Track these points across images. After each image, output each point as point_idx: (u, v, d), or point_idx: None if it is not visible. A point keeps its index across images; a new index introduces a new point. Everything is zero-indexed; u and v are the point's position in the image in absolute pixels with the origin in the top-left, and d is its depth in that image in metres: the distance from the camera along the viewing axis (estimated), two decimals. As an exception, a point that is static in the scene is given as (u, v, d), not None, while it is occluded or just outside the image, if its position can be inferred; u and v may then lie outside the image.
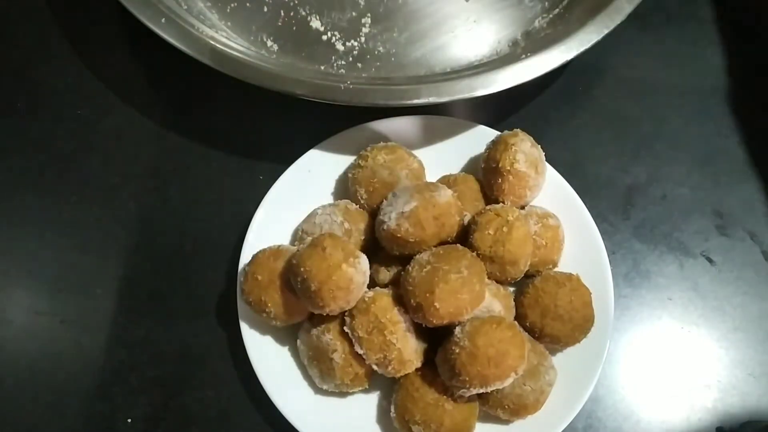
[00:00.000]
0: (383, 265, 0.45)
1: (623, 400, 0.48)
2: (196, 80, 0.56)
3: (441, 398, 0.41)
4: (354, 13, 0.56)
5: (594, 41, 0.47)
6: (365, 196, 0.47)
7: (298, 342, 0.45)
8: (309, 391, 0.45)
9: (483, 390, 0.39)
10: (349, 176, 0.48)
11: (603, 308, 0.45)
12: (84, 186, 0.54)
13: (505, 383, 0.39)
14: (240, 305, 0.45)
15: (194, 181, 0.54)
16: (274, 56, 0.55)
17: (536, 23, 0.56)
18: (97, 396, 0.48)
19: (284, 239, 0.48)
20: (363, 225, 0.46)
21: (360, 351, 0.41)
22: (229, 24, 0.56)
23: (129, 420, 0.48)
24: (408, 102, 0.46)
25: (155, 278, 0.51)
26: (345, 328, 0.42)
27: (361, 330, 0.41)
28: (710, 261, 0.52)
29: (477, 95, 0.46)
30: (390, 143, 0.49)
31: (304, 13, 0.57)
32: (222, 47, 0.48)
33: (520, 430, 0.44)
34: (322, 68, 0.55)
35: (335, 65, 0.55)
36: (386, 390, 0.45)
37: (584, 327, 0.44)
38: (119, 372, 0.49)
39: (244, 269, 0.44)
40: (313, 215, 0.47)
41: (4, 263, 0.52)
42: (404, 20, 0.56)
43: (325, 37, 0.56)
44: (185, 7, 0.53)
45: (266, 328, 0.46)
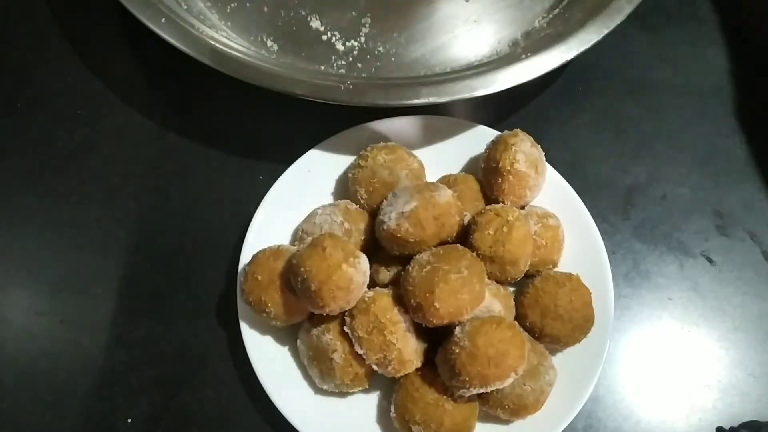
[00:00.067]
0: (383, 265, 0.45)
1: (623, 400, 0.48)
2: (196, 80, 0.56)
3: (441, 398, 0.41)
4: (354, 13, 0.56)
5: (594, 41, 0.47)
6: (365, 196, 0.47)
7: (298, 342, 0.45)
8: (309, 391, 0.45)
9: (483, 390, 0.39)
10: (349, 176, 0.48)
11: (603, 308, 0.45)
12: (84, 186, 0.54)
13: (505, 383, 0.39)
14: (240, 305, 0.45)
15: (194, 181, 0.54)
16: (274, 56, 0.55)
17: (536, 23, 0.56)
18: (97, 396, 0.48)
19: (284, 239, 0.48)
20: (363, 225, 0.46)
21: (360, 351, 0.41)
22: (229, 24, 0.56)
23: (129, 420, 0.48)
24: (408, 102, 0.46)
25: (155, 278, 0.51)
26: (345, 328, 0.42)
27: (361, 330, 0.41)
28: (710, 261, 0.52)
29: (477, 95, 0.46)
30: (390, 143, 0.49)
31: (304, 13, 0.57)
32: (222, 47, 0.49)
33: (520, 430, 0.44)
34: (322, 68, 0.55)
35: (335, 65, 0.55)
36: (386, 390, 0.45)
37: (584, 327, 0.44)
38: (119, 372, 0.49)
39: (244, 269, 0.44)
40: (313, 215, 0.47)
41: (4, 263, 0.52)
42: (404, 20, 0.56)
43: (325, 37, 0.56)
44: (185, 7, 0.53)
45: (266, 328, 0.46)
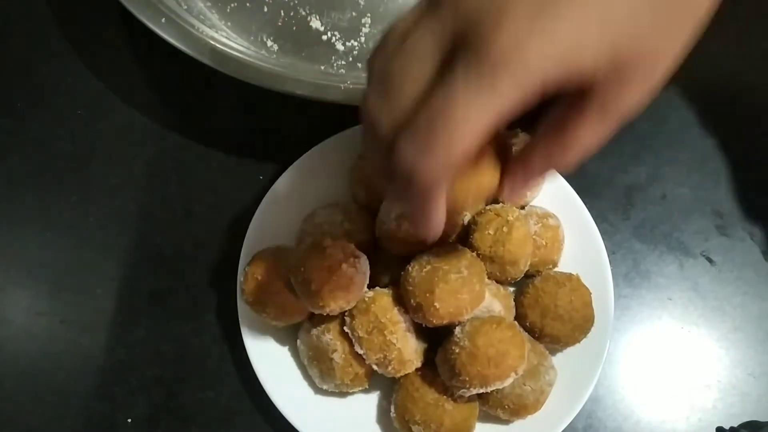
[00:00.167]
0: (383, 265, 0.45)
1: (623, 400, 0.48)
2: (196, 80, 0.56)
3: (441, 398, 0.41)
4: (354, 13, 0.56)
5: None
6: (365, 196, 0.47)
7: (298, 342, 0.45)
8: (309, 391, 0.45)
9: (483, 390, 0.39)
10: (349, 176, 0.48)
11: (603, 308, 0.45)
12: (84, 186, 0.54)
13: (505, 383, 0.39)
14: (240, 305, 0.45)
15: (194, 182, 0.54)
16: (274, 56, 0.55)
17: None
18: (97, 396, 0.48)
19: (284, 239, 0.48)
20: (363, 225, 0.46)
21: (360, 351, 0.41)
22: (229, 24, 0.56)
23: (129, 420, 0.48)
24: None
25: (155, 278, 0.51)
26: (345, 328, 0.42)
27: (361, 330, 0.41)
28: (710, 261, 0.52)
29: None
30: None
31: (304, 13, 0.56)
32: (222, 47, 0.49)
33: (520, 430, 0.44)
34: (322, 68, 0.55)
35: (335, 65, 0.55)
36: (386, 390, 0.45)
37: (584, 327, 0.44)
38: (119, 372, 0.49)
39: (244, 269, 0.44)
40: (313, 215, 0.47)
41: (4, 263, 0.52)
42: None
43: (325, 37, 0.56)
44: (185, 7, 0.53)
45: (266, 328, 0.46)
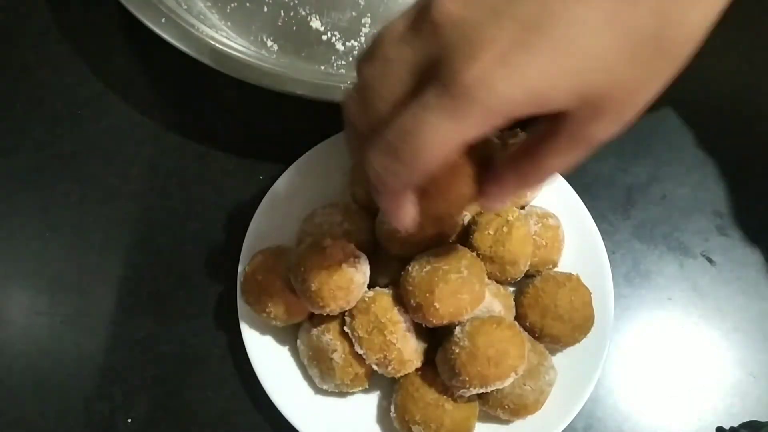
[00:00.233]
0: (383, 265, 0.45)
1: (623, 400, 0.48)
2: (196, 80, 0.56)
3: (441, 398, 0.41)
4: (354, 13, 0.56)
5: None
6: (365, 196, 0.47)
7: (298, 342, 0.45)
8: (309, 391, 0.45)
9: (483, 390, 0.39)
10: (349, 176, 0.48)
11: (603, 308, 0.45)
12: (84, 186, 0.54)
13: (505, 383, 0.39)
14: (240, 305, 0.45)
15: (194, 181, 0.54)
16: (274, 56, 0.55)
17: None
18: (97, 396, 0.48)
19: (284, 239, 0.48)
20: (363, 225, 0.46)
21: (360, 351, 0.41)
22: (229, 24, 0.56)
23: (129, 420, 0.48)
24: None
25: (155, 278, 0.51)
26: (345, 328, 0.42)
27: (361, 330, 0.41)
28: (710, 261, 0.52)
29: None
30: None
31: (304, 13, 0.57)
32: (222, 47, 0.49)
33: (520, 430, 0.44)
34: (322, 68, 0.55)
35: (335, 65, 0.55)
36: (386, 390, 0.45)
37: (584, 327, 0.44)
38: (119, 372, 0.49)
39: (244, 269, 0.44)
40: (313, 215, 0.47)
41: (4, 263, 0.52)
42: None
43: (325, 37, 0.56)
44: (185, 7, 0.53)
45: (266, 328, 0.46)
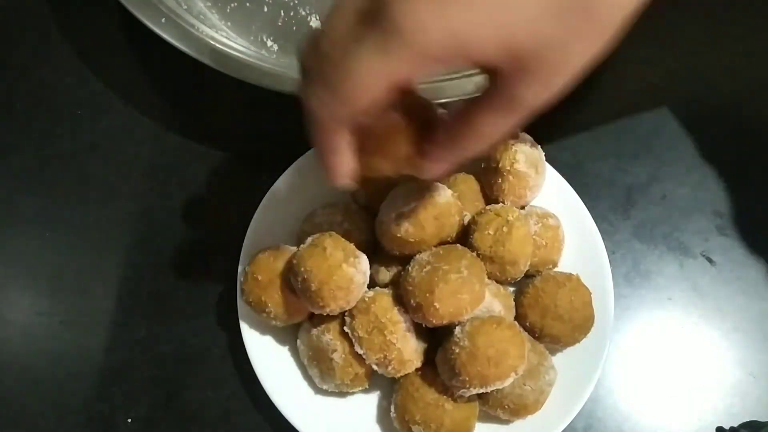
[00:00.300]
0: (383, 265, 0.45)
1: (623, 400, 0.48)
2: (196, 80, 0.56)
3: (441, 398, 0.41)
4: (354, 13, 0.56)
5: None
6: (365, 196, 0.47)
7: (298, 342, 0.45)
8: (309, 391, 0.45)
9: (483, 390, 0.39)
10: (349, 176, 0.48)
11: (603, 308, 0.45)
12: (84, 186, 0.54)
13: (505, 383, 0.39)
14: (240, 305, 0.45)
15: (194, 181, 0.54)
16: (274, 56, 0.55)
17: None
18: (97, 396, 0.48)
19: (284, 239, 0.48)
20: (363, 225, 0.46)
21: (360, 351, 0.41)
22: (229, 24, 0.56)
23: (129, 420, 0.48)
24: (408, 102, 0.46)
25: (155, 278, 0.51)
26: (345, 328, 0.42)
27: (361, 330, 0.41)
28: (710, 261, 0.52)
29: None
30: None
31: (304, 13, 0.57)
32: (222, 47, 0.49)
33: (520, 430, 0.44)
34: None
35: (335, 65, 0.55)
36: (386, 390, 0.45)
37: (584, 327, 0.44)
38: (119, 372, 0.49)
39: (244, 269, 0.44)
40: (313, 215, 0.47)
41: (4, 263, 0.52)
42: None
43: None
44: (185, 7, 0.53)
45: (266, 328, 0.46)
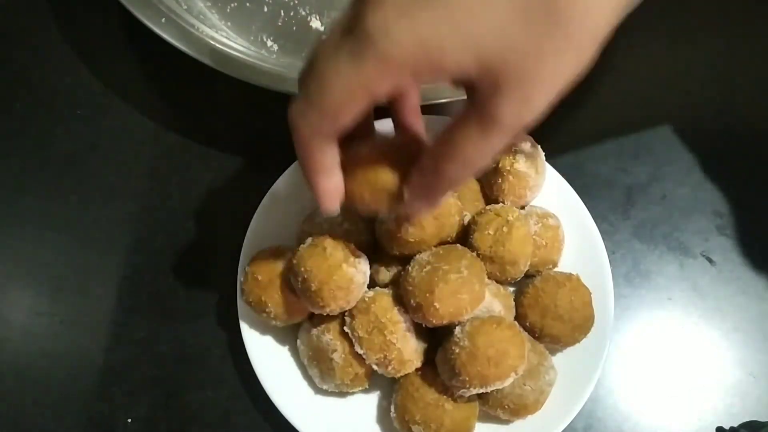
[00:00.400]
0: (383, 265, 0.45)
1: (623, 400, 0.48)
2: (196, 80, 0.56)
3: (441, 398, 0.41)
4: (354, 13, 0.56)
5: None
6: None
7: (298, 342, 0.45)
8: (309, 391, 0.45)
9: (483, 390, 0.39)
10: (349, 176, 0.48)
11: (603, 308, 0.45)
12: (84, 186, 0.54)
13: (505, 383, 0.39)
14: (240, 305, 0.45)
15: (194, 181, 0.54)
16: (274, 56, 0.55)
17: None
18: (97, 396, 0.48)
19: (284, 239, 0.48)
20: (363, 225, 0.46)
21: (360, 351, 0.41)
22: (229, 24, 0.56)
23: (129, 420, 0.48)
24: (408, 102, 0.46)
25: (155, 278, 0.51)
26: (345, 328, 0.42)
27: (362, 330, 0.41)
28: (710, 261, 0.52)
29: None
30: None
31: (304, 13, 0.57)
32: (222, 47, 0.49)
33: (520, 430, 0.44)
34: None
35: (335, 65, 0.55)
36: (386, 390, 0.45)
37: (584, 327, 0.44)
38: (119, 372, 0.49)
39: (244, 269, 0.44)
40: (313, 215, 0.47)
41: (4, 263, 0.52)
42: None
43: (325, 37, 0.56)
44: (185, 7, 0.53)
45: (266, 328, 0.46)
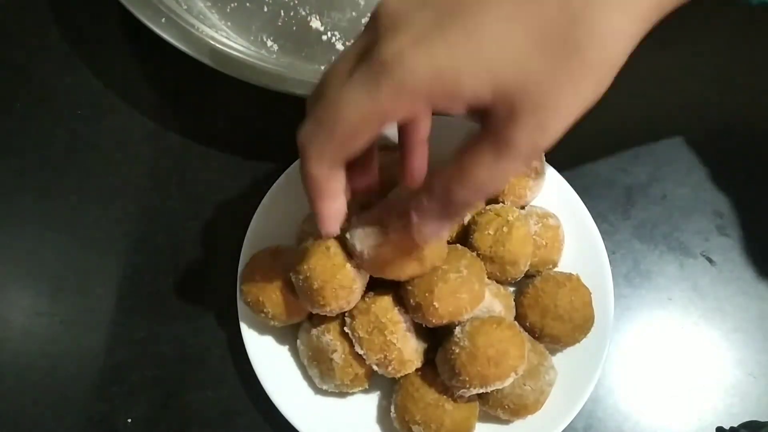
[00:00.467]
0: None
1: (623, 400, 0.48)
2: (196, 80, 0.56)
3: (441, 398, 0.41)
4: (354, 13, 0.56)
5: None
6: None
7: (298, 342, 0.45)
8: (309, 391, 0.45)
9: (483, 390, 0.39)
10: (349, 176, 0.48)
11: (603, 308, 0.45)
12: (84, 186, 0.54)
13: (505, 383, 0.39)
14: (240, 305, 0.45)
15: (194, 181, 0.54)
16: (274, 56, 0.55)
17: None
18: (97, 396, 0.48)
19: (284, 239, 0.48)
20: (363, 225, 0.46)
21: (360, 351, 0.41)
22: (229, 24, 0.56)
23: (129, 420, 0.48)
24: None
25: (155, 278, 0.51)
26: (345, 329, 0.42)
27: (362, 330, 0.41)
28: (710, 261, 0.52)
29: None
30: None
31: (304, 13, 0.57)
32: (222, 47, 0.49)
33: (520, 430, 0.44)
34: (322, 68, 0.54)
35: (335, 65, 0.55)
36: (386, 390, 0.45)
37: (584, 327, 0.44)
38: (119, 372, 0.49)
39: (244, 269, 0.44)
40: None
41: (4, 263, 0.52)
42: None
43: (325, 37, 0.56)
44: (185, 7, 0.53)
45: (266, 328, 0.46)
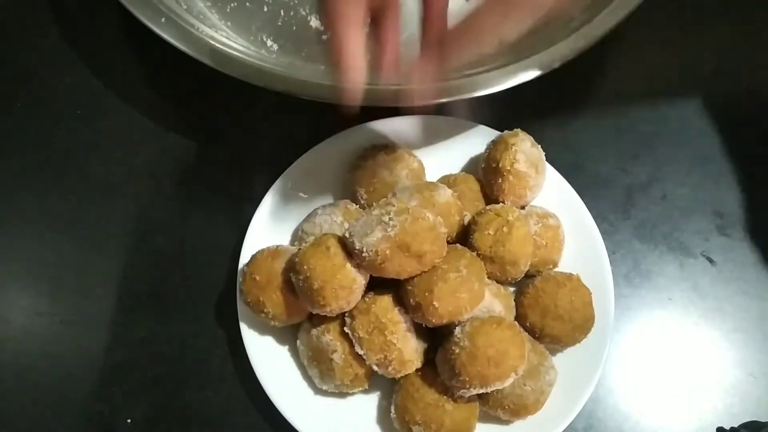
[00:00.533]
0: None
1: (623, 400, 0.48)
2: (196, 80, 0.56)
3: (441, 398, 0.41)
4: (354, 13, 0.56)
5: (595, 40, 0.47)
6: (365, 196, 0.47)
7: (298, 342, 0.45)
8: (309, 391, 0.45)
9: (483, 390, 0.39)
10: (349, 176, 0.48)
11: (603, 308, 0.45)
12: (84, 186, 0.54)
13: (505, 383, 0.39)
14: (240, 305, 0.45)
15: (194, 181, 0.54)
16: (274, 56, 0.55)
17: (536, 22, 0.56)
18: (97, 396, 0.48)
19: (284, 239, 0.48)
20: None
21: (360, 351, 0.41)
22: (229, 24, 0.56)
23: (129, 420, 0.48)
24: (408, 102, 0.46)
25: (155, 278, 0.51)
26: (345, 329, 0.42)
27: (362, 330, 0.41)
28: (710, 261, 0.52)
29: (477, 95, 0.46)
30: (390, 143, 0.49)
31: (304, 13, 0.57)
32: (222, 47, 0.49)
33: (520, 430, 0.44)
34: (322, 68, 0.55)
35: (335, 65, 0.55)
36: (386, 390, 0.45)
37: (584, 327, 0.44)
38: (119, 372, 0.49)
39: (244, 269, 0.44)
40: (313, 215, 0.47)
41: (4, 263, 0.52)
42: (404, 20, 0.56)
43: (325, 37, 0.56)
44: (185, 7, 0.53)
45: (266, 328, 0.46)
